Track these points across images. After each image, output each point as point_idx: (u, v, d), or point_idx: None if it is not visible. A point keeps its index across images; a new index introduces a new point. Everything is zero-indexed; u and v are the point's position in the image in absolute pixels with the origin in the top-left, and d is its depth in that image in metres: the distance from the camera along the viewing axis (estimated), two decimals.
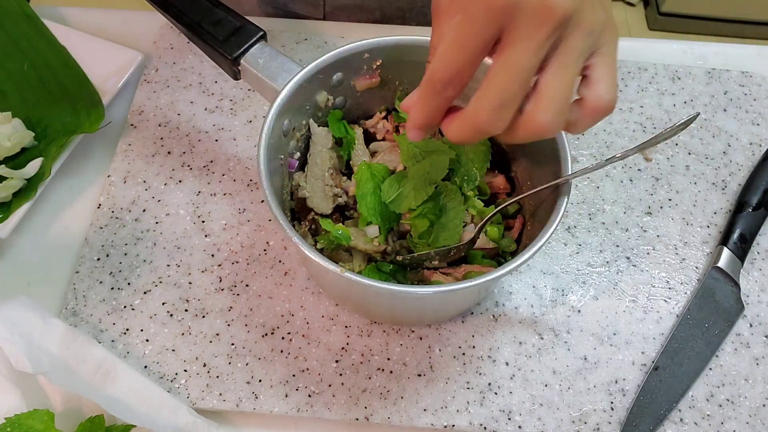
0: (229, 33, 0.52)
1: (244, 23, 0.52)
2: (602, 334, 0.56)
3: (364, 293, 0.51)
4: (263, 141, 0.48)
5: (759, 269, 0.60)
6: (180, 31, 0.55)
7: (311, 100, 0.54)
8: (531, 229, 0.53)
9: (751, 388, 0.54)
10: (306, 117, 0.55)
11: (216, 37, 0.52)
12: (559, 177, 0.47)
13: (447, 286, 0.44)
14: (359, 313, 0.56)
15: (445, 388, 0.53)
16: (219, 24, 0.52)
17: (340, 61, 0.53)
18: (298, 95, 0.51)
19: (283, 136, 0.52)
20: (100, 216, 0.61)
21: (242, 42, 0.52)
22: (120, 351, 0.54)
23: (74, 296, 0.57)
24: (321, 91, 0.54)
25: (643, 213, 0.62)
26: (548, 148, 0.49)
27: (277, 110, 0.50)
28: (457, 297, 0.52)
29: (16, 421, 0.47)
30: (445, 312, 0.55)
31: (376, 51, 0.53)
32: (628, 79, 0.70)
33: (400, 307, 0.54)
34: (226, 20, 0.53)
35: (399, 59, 0.54)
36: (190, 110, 0.67)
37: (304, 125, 0.55)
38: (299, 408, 0.52)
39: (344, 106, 0.57)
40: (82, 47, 0.66)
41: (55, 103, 0.64)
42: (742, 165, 0.65)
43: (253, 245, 0.59)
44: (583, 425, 0.52)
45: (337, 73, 0.54)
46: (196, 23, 0.52)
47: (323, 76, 0.53)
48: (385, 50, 0.53)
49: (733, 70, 0.71)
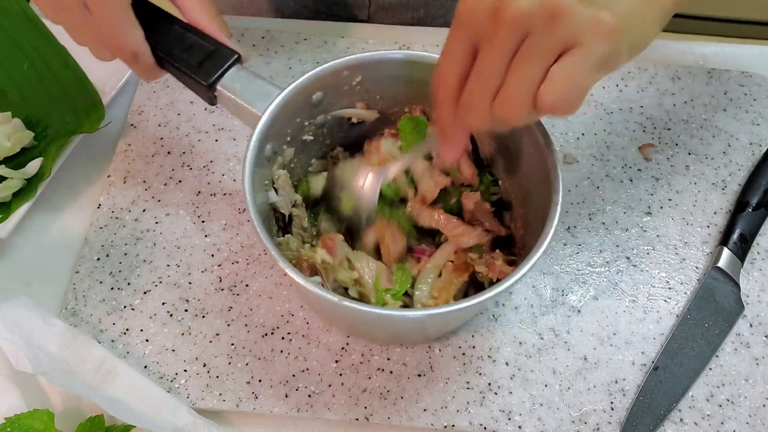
0: (202, 58, 0.49)
1: (218, 46, 0.50)
2: (602, 334, 0.56)
3: (368, 320, 0.50)
4: (247, 170, 0.46)
5: (759, 269, 0.60)
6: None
7: (292, 123, 0.53)
8: (524, 223, 0.54)
9: (751, 388, 0.54)
10: (284, 141, 0.53)
11: (189, 63, 0.49)
12: (547, 168, 0.47)
13: (448, 306, 0.44)
14: (360, 336, 0.55)
15: (445, 388, 0.53)
16: (191, 49, 0.50)
17: (320, 80, 0.51)
18: (279, 119, 0.50)
19: (266, 162, 0.51)
20: (100, 216, 0.61)
21: (217, 66, 0.49)
22: (120, 351, 0.54)
23: (74, 296, 0.57)
24: (301, 113, 0.53)
25: (643, 213, 0.62)
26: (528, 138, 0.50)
27: (259, 136, 0.48)
28: (459, 315, 0.52)
29: (16, 421, 0.47)
30: (448, 327, 0.55)
31: (355, 68, 0.52)
32: (628, 79, 0.70)
33: (408, 329, 0.53)
34: (198, 45, 0.50)
35: (379, 75, 0.53)
36: (190, 110, 0.67)
37: (285, 150, 0.53)
38: (299, 408, 0.52)
39: (324, 125, 0.56)
40: (82, 47, 0.66)
41: (55, 103, 0.64)
42: (742, 165, 0.65)
43: (253, 245, 0.59)
44: (583, 425, 0.52)
45: (317, 93, 0.52)
46: (167, 50, 0.50)
47: (303, 96, 0.51)
48: (365, 67, 0.52)
49: (733, 70, 0.71)
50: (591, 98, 0.68)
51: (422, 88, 0.51)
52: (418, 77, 0.53)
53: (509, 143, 0.53)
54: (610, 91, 0.69)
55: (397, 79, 0.54)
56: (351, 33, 0.73)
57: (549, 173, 0.47)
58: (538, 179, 0.49)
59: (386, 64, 0.53)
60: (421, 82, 0.52)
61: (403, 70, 0.53)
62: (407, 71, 0.53)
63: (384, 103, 0.56)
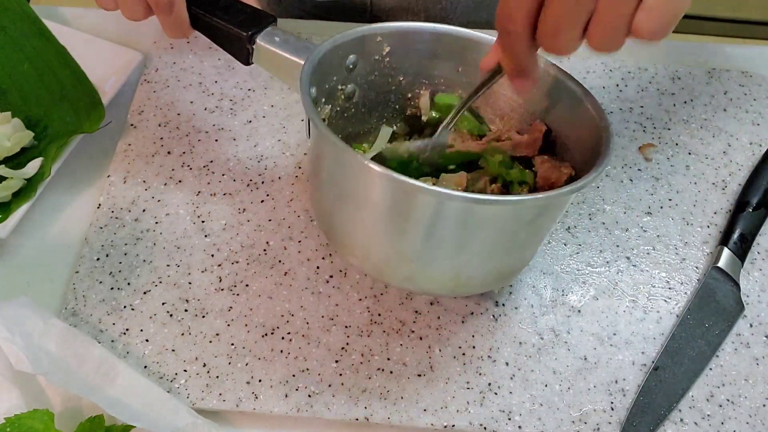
0: (240, 17, 0.52)
1: (254, 9, 0.53)
2: (602, 334, 0.56)
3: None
4: (304, 81, 0.48)
5: (759, 269, 0.60)
6: None
7: (329, 79, 0.54)
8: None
9: (752, 388, 0.54)
10: (323, 95, 0.54)
11: (226, 19, 0.52)
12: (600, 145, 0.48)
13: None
14: (370, 268, 0.54)
15: (445, 388, 0.53)
16: (229, 9, 0.53)
17: (355, 42, 0.53)
18: (320, 68, 0.51)
19: (313, 101, 0.51)
20: (100, 216, 0.61)
21: (255, 23, 0.52)
22: (120, 351, 0.54)
23: (74, 296, 0.57)
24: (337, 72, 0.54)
25: (643, 213, 0.62)
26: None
27: (308, 72, 0.49)
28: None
29: (16, 421, 0.47)
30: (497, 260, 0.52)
31: (387, 35, 0.54)
32: (628, 79, 0.70)
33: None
34: (235, 7, 0.53)
35: (406, 47, 0.55)
36: (190, 110, 0.67)
37: (323, 103, 0.55)
38: (299, 408, 0.52)
39: (352, 98, 0.57)
40: (82, 47, 0.66)
41: (55, 103, 0.63)
42: (742, 165, 0.65)
43: (253, 245, 0.59)
44: (583, 425, 0.52)
45: (351, 55, 0.54)
46: (205, 6, 0.52)
47: (341, 53, 0.53)
48: (395, 35, 0.54)
49: (733, 70, 0.71)
50: None
51: (444, 65, 0.56)
52: (443, 53, 0.55)
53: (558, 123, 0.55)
54: (610, 91, 0.69)
55: (422, 54, 0.55)
56: None
57: (600, 147, 0.48)
58: (587, 158, 0.50)
59: (414, 35, 0.54)
60: (445, 57, 0.55)
61: (429, 44, 0.55)
62: (433, 45, 0.55)
63: (405, 82, 0.58)
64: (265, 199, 0.62)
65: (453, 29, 0.55)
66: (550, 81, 0.53)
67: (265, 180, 0.63)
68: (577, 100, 0.51)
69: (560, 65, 0.52)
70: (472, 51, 0.55)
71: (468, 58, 0.55)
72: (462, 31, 0.55)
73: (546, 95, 0.54)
